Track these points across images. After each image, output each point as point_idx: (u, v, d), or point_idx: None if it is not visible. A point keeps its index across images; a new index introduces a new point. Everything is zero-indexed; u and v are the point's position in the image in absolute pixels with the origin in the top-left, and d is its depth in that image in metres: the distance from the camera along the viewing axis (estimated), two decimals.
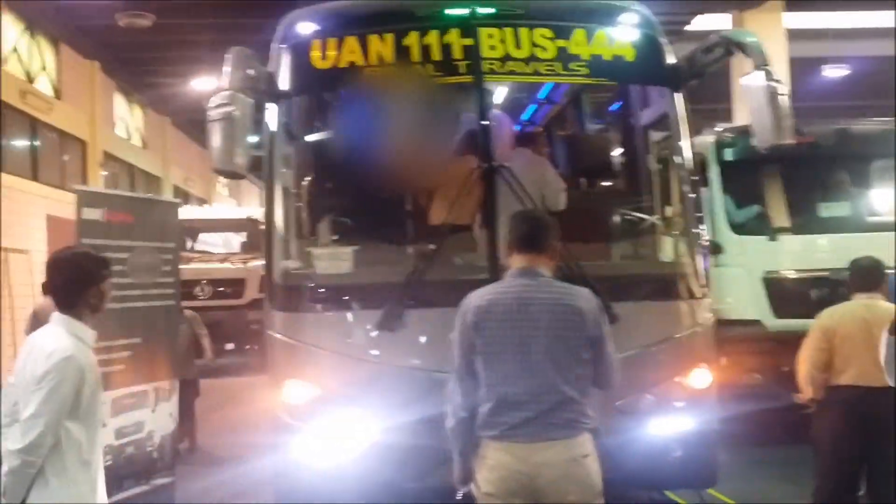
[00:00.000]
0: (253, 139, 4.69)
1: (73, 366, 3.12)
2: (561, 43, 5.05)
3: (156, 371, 4.75)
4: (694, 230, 5.25)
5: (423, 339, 4.81)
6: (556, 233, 3.64)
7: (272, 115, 5.13)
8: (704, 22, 16.67)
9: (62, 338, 3.19)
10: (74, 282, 3.25)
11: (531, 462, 3.34)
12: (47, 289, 3.30)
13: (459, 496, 3.60)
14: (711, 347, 5.21)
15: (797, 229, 8.60)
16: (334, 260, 4.96)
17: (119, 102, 23.36)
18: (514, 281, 3.53)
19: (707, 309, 5.20)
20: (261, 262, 18.64)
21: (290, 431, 4.85)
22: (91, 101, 20.36)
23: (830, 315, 5.07)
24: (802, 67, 17.57)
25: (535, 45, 5.01)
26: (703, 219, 5.41)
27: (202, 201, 30.59)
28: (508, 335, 3.41)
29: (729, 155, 8.54)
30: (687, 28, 16.92)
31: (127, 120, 24.22)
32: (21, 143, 17.39)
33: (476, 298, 3.50)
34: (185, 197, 29.52)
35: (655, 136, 5.91)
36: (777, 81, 4.60)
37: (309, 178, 5.69)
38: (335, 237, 5.47)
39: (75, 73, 19.66)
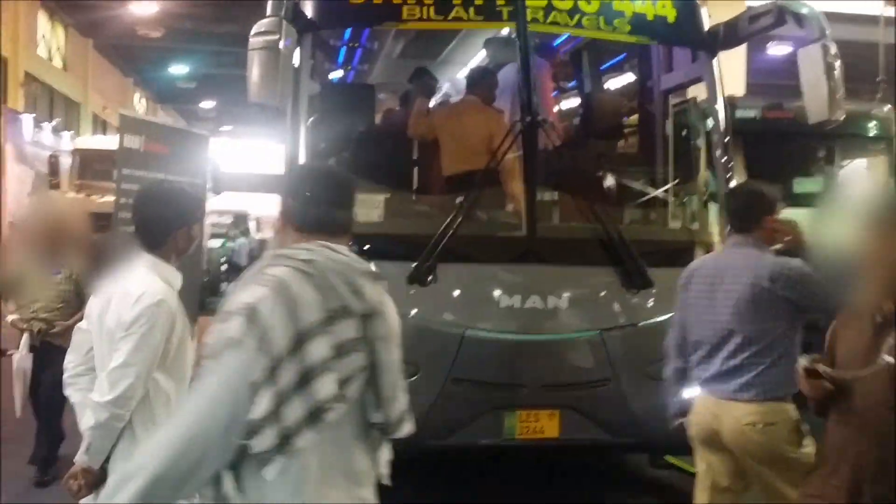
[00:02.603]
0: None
1: (164, 311, 2.81)
2: None
3: None
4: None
5: (455, 295, 4.65)
6: None
7: (301, 48, 4.80)
8: None
9: (151, 280, 2.86)
10: (165, 219, 2.92)
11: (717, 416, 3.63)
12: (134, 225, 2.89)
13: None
14: None
15: None
16: (364, 207, 4.72)
17: (42, 20, 21.95)
18: None
19: None
20: None
21: None
22: (14, 18, 19.03)
23: None
24: (755, 43, 17.81)
25: None
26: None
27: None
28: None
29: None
30: None
31: (49, 39, 22.81)
32: None
33: None
34: (104, 126, 28.17)
35: (686, 99, 5.83)
36: (835, 56, 4.55)
37: (333, 120, 5.38)
38: (364, 184, 5.20)
39: None
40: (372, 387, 2.02)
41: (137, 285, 2.83)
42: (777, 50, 18.91)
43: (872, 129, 9.19)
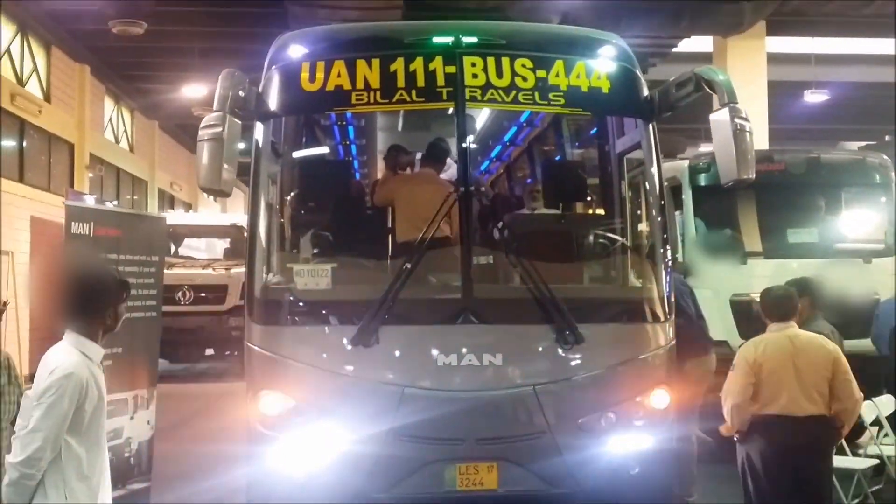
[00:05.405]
0: (240, 156, 4.85)
1: (73, 383, 3.25)
2: (540, 73, 5.24)
3: (136, 380, 4.91)
4: (661, 255, 5.44)
5: (395, 355, 4.99)
6: None
7: (260, 133, 5.31)
8: (691, 45, 17.02)
9: (68, 354, 3.31)
10: (92, 300, 3.39)
11: None
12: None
13: None
14: (672, 369, 5.40)
15: (766, 253, 8.87)
16: (313, 276, 5.14)
17: (108, 106, 23.43)
18: None
19: (669, 332, 5.38)
20: (243, 270, 19.04)
21: (264, 441, 5.01)
22: (80, 105, 20.42)
23: (755, 347, 5.16)
24: (785, 91, 17.98)
25: (515, 74, 5.20)
26: (672, 244, 5.62)
27: (188, 206, 30.65)
28: None
29: (702, 180, 8.83)
30: (674, 50, 17.24)
31: (115, 123, 24.28)
32: (8, 144, 17.44)
33: None
34: (171, 201, 29.58)
35: (627, 164, 6.12)
36: (743, 119, 4.80)
37: (292, 196, 5.87)
38: (315, 253, 5.65)
39: (66, 76, 19.74)
40: None
41: (55, 359, 3.31)
42: (813, 98, 18.97)
43: (869, 177, 9.25)
